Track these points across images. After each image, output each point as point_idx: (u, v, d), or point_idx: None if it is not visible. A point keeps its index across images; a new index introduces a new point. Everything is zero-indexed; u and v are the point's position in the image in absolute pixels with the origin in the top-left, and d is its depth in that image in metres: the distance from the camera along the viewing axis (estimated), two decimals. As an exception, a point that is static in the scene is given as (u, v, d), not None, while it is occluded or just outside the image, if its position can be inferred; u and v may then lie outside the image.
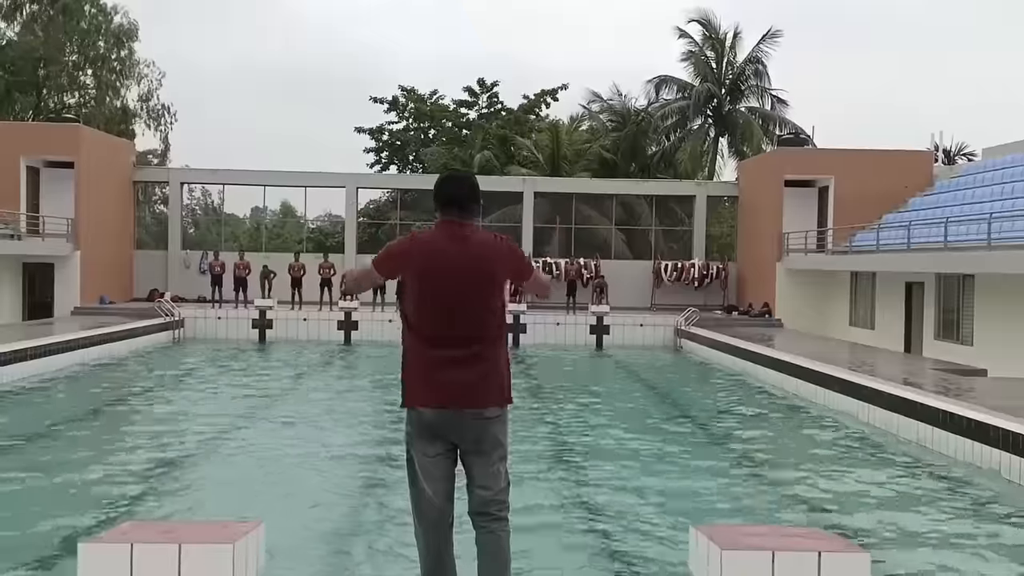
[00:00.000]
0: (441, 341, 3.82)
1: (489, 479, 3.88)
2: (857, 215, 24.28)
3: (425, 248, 3.87)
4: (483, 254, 3.87)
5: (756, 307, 26.90)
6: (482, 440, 3.85)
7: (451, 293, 3.81)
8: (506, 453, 3.92)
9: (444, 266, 3.81)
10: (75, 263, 24.91)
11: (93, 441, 11.17)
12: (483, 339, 3.84)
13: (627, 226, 33.13)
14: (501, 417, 3.89)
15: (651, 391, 16.91)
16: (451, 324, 3.81)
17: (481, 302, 3.84)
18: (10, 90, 36.48)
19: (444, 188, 3.93)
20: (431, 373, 3.83)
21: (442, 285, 3.81)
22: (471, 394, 3.80)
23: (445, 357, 3.80)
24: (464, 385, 3.79)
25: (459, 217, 3.89)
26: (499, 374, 3.87)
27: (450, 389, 3.79)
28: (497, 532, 3.89)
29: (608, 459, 10.40)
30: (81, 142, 25.51)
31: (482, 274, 3.85)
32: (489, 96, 40.51)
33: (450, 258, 3.82)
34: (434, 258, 3.83)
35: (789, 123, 36.65)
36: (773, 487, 9.36)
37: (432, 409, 3.82)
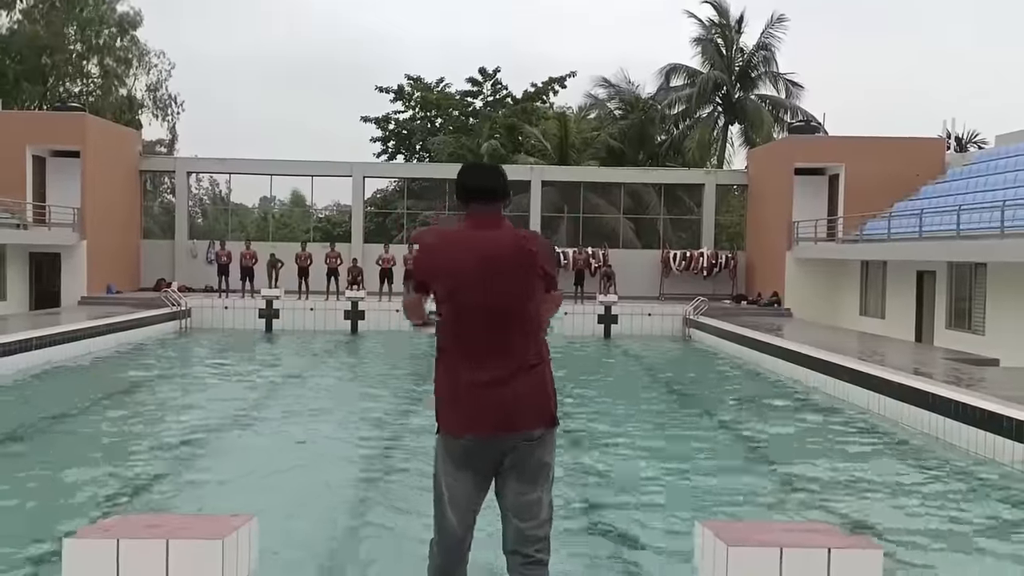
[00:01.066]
0: (476, 352, 3.34)
1: (527, 508, 3.37)
2: (868, 203, 24.06)
3: (452, 242, 3.44)
4: (522, 245, 3.40)
5: (765, 296, 26.72)
6: (524, 463, 3.37)
7: (485, 293, 3.33)
8: (551, 477, 3.43)
9: (476, 260, 3.34)
10: (82, 252, 24.88)
11: (97, 432, 11.11)
12: (523, 351, 3.36)
13: (635, 215, 32.94)
14: (547, 438, 3.41)
15: (659, 381, 16.79)
16: (487, 331, 3.33)
17: (522, 303, 3.36)
18: (18, 79, 36.45)
19: (471, 179, 3.50)
20: (464, 392, 3.35)
21: (474, 284, 3.34)
22: (512, 418, 3.32)
23: (480, 372, 3.32)
24: (503, 407, 3.31)
25: (488, 211, 3.46)
26: (544, 391, 3.39)
27: (486, 413, 3.31)
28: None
29: (612, 449, 10.29)
30: (87, 131, 25.45)
31: (522, 268, 3.37)
32: (493, 84, 40.29)
33: (482, 251, 3.36)
34: (464, 252, 3.38)
35: (800, 110, 36.35)
36: (781, 478, 9.23)
37: (465, 438, 3.35)
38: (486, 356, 3.32)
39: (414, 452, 9.68)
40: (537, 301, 3.41)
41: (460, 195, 3.52)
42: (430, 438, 10.73)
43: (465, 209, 3.49)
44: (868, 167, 24.79)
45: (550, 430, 3.42)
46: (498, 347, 3.32)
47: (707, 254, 28.89)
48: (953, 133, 37.55)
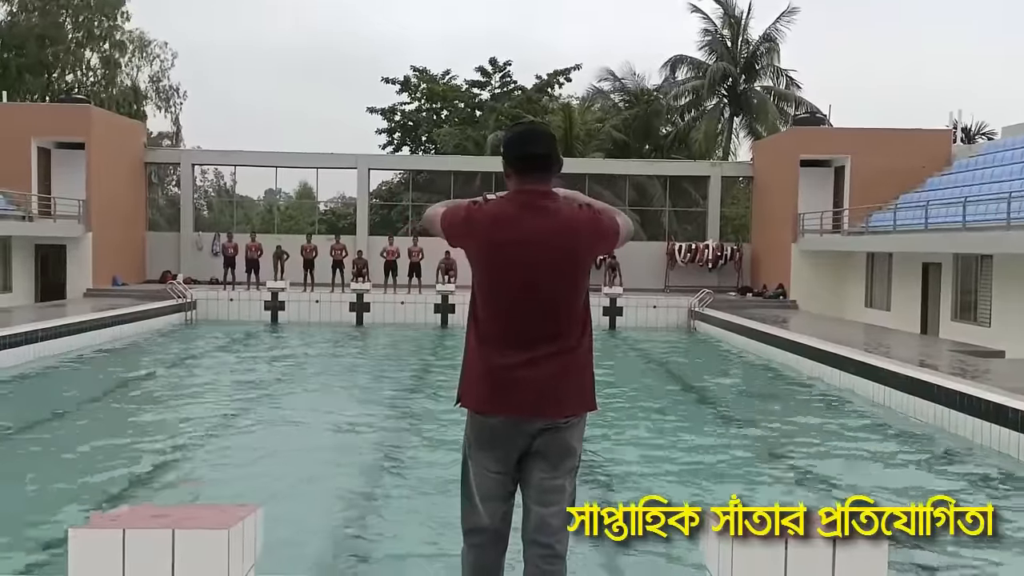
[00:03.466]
0: (512, 335, 3.13)
1: (548, 492, 3.18)
2: (874, 195, 23.99)
3: (492, 218, 3.13)
4: (567, 228, 3.11)
5: (771, 288, 26.68)
6: (550, 446, 3.17)
7: (527, 276, 3.09)
8: (577, 464, 3.24)
9: (517, 241, 3.08)
10: (87, 245, 24.93)
11: (102, 423, 11.15)
12: (564, 333, 3.13)
13: (640, 207, 32.89)
14: (578, 423, 3.21)
15: (664, 372, 16.79)
16: (526, 314, 3.12)
17: (564, 289, 3.12)
18: (20, 72, 36.44)
19: (519, 146, 3.17)
20: (498, 371, 3.15)
21: (514, 265, 3.09)
22: (545, 401, 3.12)
23: (517, 352, 3.12)
24: (538, 389, 3.11)
25: (538, 183, 3.14)
26: (581, 374, 3.18)
27: (519, 394, 3.11)
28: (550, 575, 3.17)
29: (617, 441, 10.29)
30: (92, 123, 25.46)
31: (564, 253, 3.10)
32: (502, 76, 40.25)
33: (525, 232, 3.08)
34: (505, 231, 3.10)
35: (805, 102, 36.22)
36: (788, 470, 9.23)
37: (496, 416, 3.16)
38: (525, 336, 3.11)
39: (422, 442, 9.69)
40: (583, 282, 3.16)
41: (508, 164, 3.18)
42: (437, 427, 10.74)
43: (514, 180, 3.17)
44: (874, 159, 24.71)
45: (583, 415, 3.23)
46: (538, 329, 3.10)
47: (712, 246, 28.85)
48: (960, 124, 37.36)
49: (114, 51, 38.69)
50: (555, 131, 35.43)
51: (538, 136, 3.21)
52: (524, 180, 3.14)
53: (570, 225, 3.11)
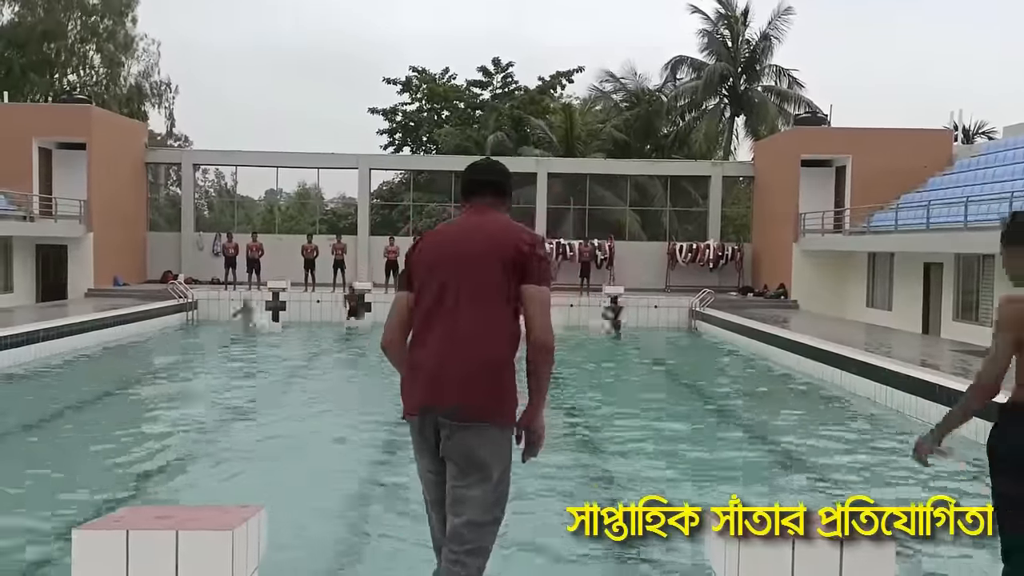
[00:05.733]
0: (433, 333, 3.20)
1: (457, 502, 3.09)
2: (875, 195, 23.98)
3: (439, 232, 3.48)
4: (493, 234, 3.29)
5: (771, 288, 26.66)
6: (453, 450, 3.11)
7: (452, 276, 3.25)
8: (491, 479, 3.07)
9: (445, 247, 3.33)
10: (88, 245, 24.92)
11: (105, 423, 11.13)
12: (484, 337, 3.15)
13: (641, 207, 32.88)
14: (487, 433, 3.09)
15: (666, 373, 16.77)
16: (449, 314, 3.20)
17: (488, 291, 3.19)
18: (24, 71, 36.45)
19: (470, 172, 3.56)
20: (416, 368, 3.22)
21: (443, 267, 3.27)
22: (441, 387, 3.13)
23: (431, 349, 3.19)
24: (436, 377, 3.13)
25: (482, 203, 3.45)
26: (490, 381, 3.12)
27: (431, 383, 3.15)
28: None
29: (621, 443, 10.28)
30: (93, 123, 25.46)
31: (487, 256, 3.23)
32: (504, 76, 40.25)
33: (453, 239, 3.35)
34: (438, 243, 3.38)
35: (805, 102, 36.21)
36: (790, 470, 9.22)
37: (415, 415, 3.22)
38: (442, 336, 3.17)
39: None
40: (508, 294, 3.19)
41: (462, 190, 3.56)
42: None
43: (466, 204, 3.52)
44: (875, 159, 24.69)
45: (487, 423, 3.10)
46: (455, 330, 3.17)
47: (713, 246, 28.83)
48: (960, 124, 37.32)
49: (118, 51, 38.72)
50: (556, 131, 35.54)
51: (484, 165, 3.61)
52: (469, 204, 3.49)
53: (499, 231, 3.31)
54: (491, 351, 3.15)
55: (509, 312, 3.20)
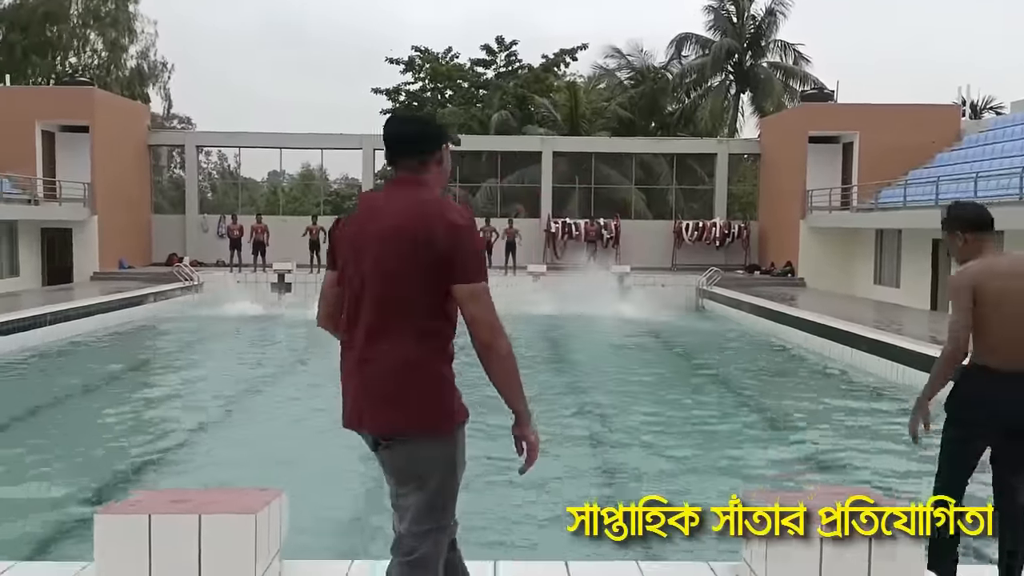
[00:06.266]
0: (355, 333, 2.78)
1: (400, 508, 2.81)
2: (883, 171, 23.84)
3: (361, 210, 2.87)
4: (410, 215, 2.71)
5: (778, 266, 26.57)
6: (386, 464, 2.81)
7: (368, 266, 2.73)
8: (428, 487, 2.73)
9: (371, 227, 2.76)
10: (93, 228, 24.88)
11: (114, 406, 11.12)
12: (407, 340, 2.69)
13: (647, 185, 32.73)
14: (418, 446, 2.72)
15: (673, 352, 16.73)
16: (368, 311, 2.74)
17: (410, 284, 2.68)
18: (26, 53, 36.27)
19: (385, 130, 2.86)
20: (343, 372, 2.85)
21: (362, 255, 2.76)
22: (364, 413, 2.75)
23: (353, 354, 2.79)
24: (358, 399, 2.76)
25: (404, 169, 2.82)
26: (419, 392, 2.69)
27: (348, 402, 2.81)
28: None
29: (633, 423, 10.26)
30: (96, 106, 25.34)
31: (416, 243, 2.67)
32: (507, 55, 39.99)
33: (380, 218, 2.75)
34: (365, 219, 2.81)
35: (812, 78, 35.95)
36: (804, 449, 9.19)
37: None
38: (363, 338, 2.74)
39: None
40: (424, 281, 2.68)
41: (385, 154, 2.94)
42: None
43: None
44: (883, 135, 24.52)
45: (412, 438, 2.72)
46: (375, 330, 2.72)
47: (720, 224, 28.71)
48: (968, 100, 37.05)
49: (120, 35, 38.52)
50: (561, 109, 35.25)
51: (398, 119, 2.89)
52: (394, 168, 2.86)
53: (421, 214, 2.69)
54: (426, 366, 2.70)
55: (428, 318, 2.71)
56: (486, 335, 2.66)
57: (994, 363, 3.74)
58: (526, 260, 26.08)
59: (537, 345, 16.88)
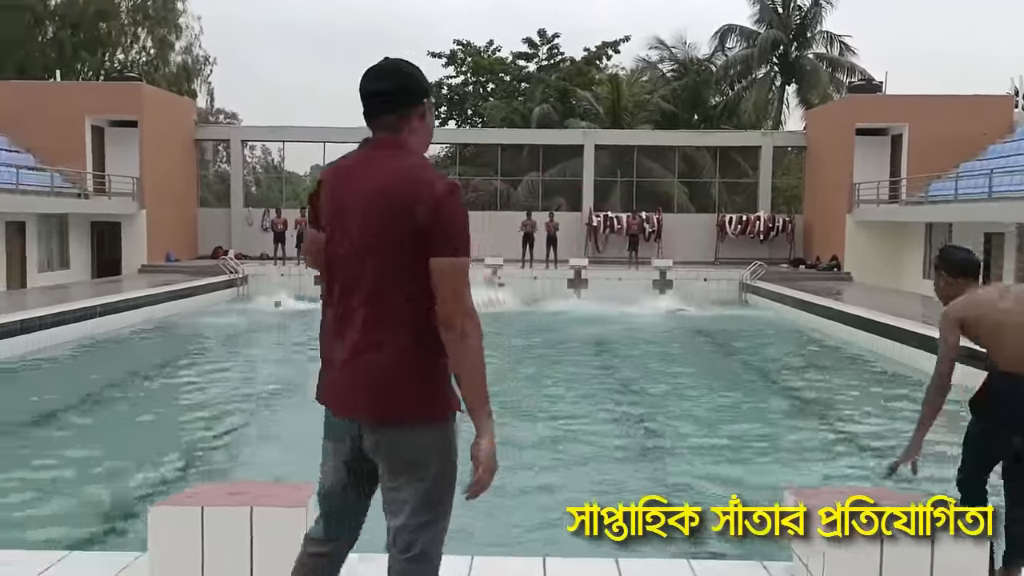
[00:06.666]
0: (339, 311, 2.59)
1: (391, 503, 2.60)
2: (933, 164, 23.36)
3: (339, 172, 2.63)
4: (389, 183, 2.48)
5: (824, 260, 26.19)
6: (378, 453, 2.58)
7: (352, 240, 2.53)
8: (425, 479, 2.55)
9: (352, 198, 2.53)
10: (141, 221, 25.30)
11: (162, 398, 11.29)
12: (394, 318, 2.50)
13: (690, 179, 32.45)
14: (414, 434, 2.54)
15: (717, 347, 16.57)
16: (352, 287, 2.55)
17: (395, 257, 2.47)
18: (76, 49, 36.99)
19: (361, 85, 2.62)
20: (326, 354, 2.67)
21: (345, 228, 2.55)
22: (357, 400, 2.55)
23: (338, 335, 2.60)
24: (348, 386, 2.56)
25: (382, 129, 2.59)
26: (408, 375, 2.50)
27: (335, 387, 2.61)
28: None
29: (679, 419, 10.16)
30: (144, 101, 25.73)
31: (400, 214, 2.45)
32: (550, 48, 39.86)
33: (361, 187, 2.52)
34: (332, 189, 2.60)
35: (859, 69, 35.36)
36: (853, 446, 9.04)
37: (326, 407, 2.67)
38: (349, 317, 2.55)
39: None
40: (413, 254, 2.45)
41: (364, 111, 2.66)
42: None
43: None
44: (933, 127, 24.03)
45: (418, 424, 2.54)
46: (362, 309, 2.52)
47: (764, 218, 28.37)
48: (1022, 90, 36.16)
49: (168, 32, 39.20)
50: (603, 102, 35.05)
51: (375, 71, 2.59)
52: (372, 128, 2.60)
53: (404, 183, 2.45)
54: (414, 347, 2.51)
55: (415, 294, 2.49)
56: (458, 319, 2.42)
57: (1014, 369, 4.09)
58: (567, 254, 26.00)
59: (579, 340, 16.82)
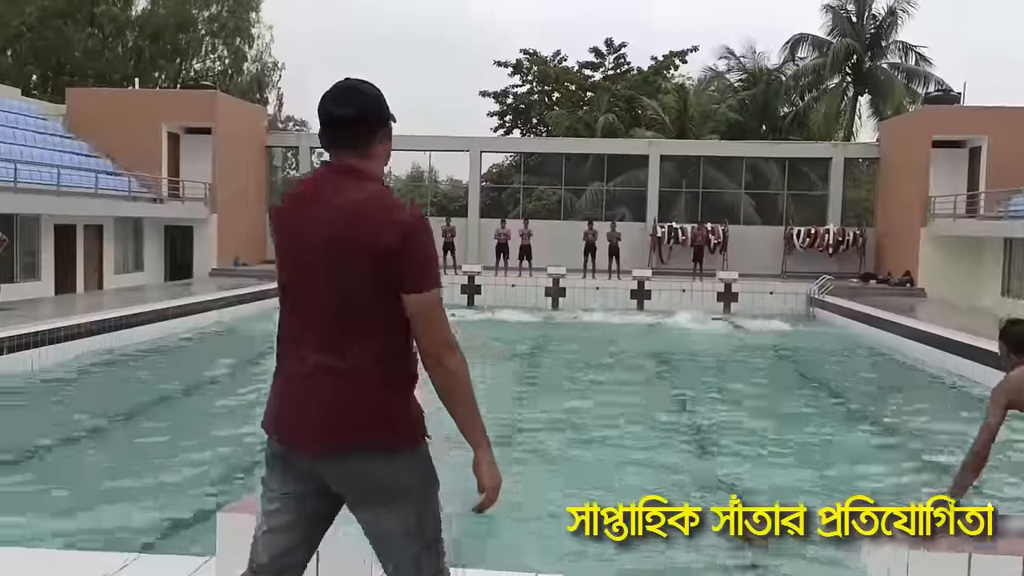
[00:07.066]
0: (291, 342, 2.48)
1: (378, 540, 2.47)
2: (1014, 177, 22.56)
3: (288, 198, 2.54)
4: (352, 215, 2.37)
5: (896, 275, 25.49)
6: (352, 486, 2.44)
7: (302, 269, 2.44)
8: (421, 504, 2.44)
9: (297, 229, 2.45)
10: (212, 226, 25.86)
11: (236, 400, 11.46)
12: (352, 345, 2.39)
13: (756, 190, 31.93)
14: (389, 458, 2.40)
15: (787, 364, 16.22)
16: (304, 317, 2.45)
17: (344, 286, 2.37)
18: (154, 58, 38.15)
19: (320, 107, 2.48)
20: (277, 384, 2.52)
21: (293, 256, 2.47)
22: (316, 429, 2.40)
23: (295, 364, 2.46)
24: (306, 416, 2.41)
25: (341, 156, 2.47)
26: (372, 401, 2.38)
27: (290, 419, 2.45)
28: None
29: (748, 440, 9.94)
30: (218, 108, 26.33)
31: (344, 248, 2.36)
32: (616, 57, 39.73)
33: (307, 218, 2.43)
34: (290, 217, 2.49)
35: (935, 80, 34.41)
36: (932, 470, 8.72)
37: (276, 441, 2.50)
38: (310, 345, 2.42)
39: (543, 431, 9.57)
40: (386, 289, 2.36)
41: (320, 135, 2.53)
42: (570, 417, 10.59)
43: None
44: (1014, 139, 23.25)
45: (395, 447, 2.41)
46: (329, 342, 2.40)
47: (833, 231, 27.75)
48: (1108, 102, 34.81)
49: (242, 43, 40.33)
50: (669, 112, 34.75)
51: (335, 93, 2.48)
52: (331, 152, 2.49)
53: (360, 209, 2.36)
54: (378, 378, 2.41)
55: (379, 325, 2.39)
56: (436, 350, 2.37)
57: None
58: (630, 264, 25.80)
59: (640, 355, 16.63)
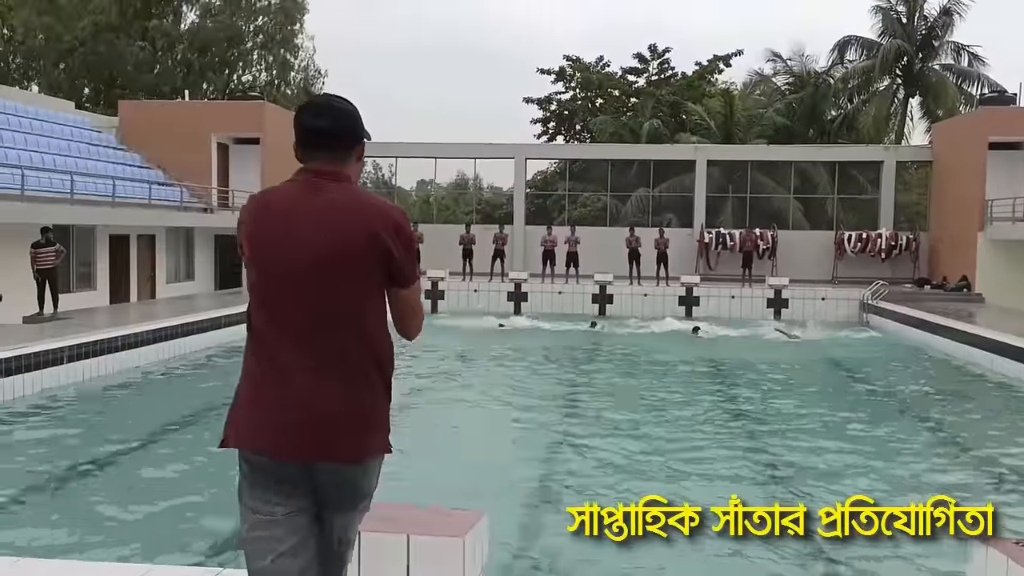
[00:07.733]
0: (273, 351, 2.45)
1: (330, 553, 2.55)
2: (1075, 179, 21.98)
3: (261, 206, 2.57)
4: (343, 216, 2.45)
5: (952, 280, 24.92)
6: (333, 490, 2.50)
7: (287, 275, 2.45)
8: (368, 502, 2.58)
9: (281, 232, 2.47)
10: (261, 235, 26.09)
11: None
12: (338, 355, 2.42)
13: (805, 195, 31.47)
14: (371, 463, 2.50)
15: (842, 371, 15.90)
16: (288, 325, 2.44)
17: (333, 293, 2.41)
18: (203, 70, 38.79)
19: (298, 120, 2.66)
20: (257, 397, 2.47)
21: (275, 261, 2.46)
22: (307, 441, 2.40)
23: (276, 377, 2.43)
24: (296, 426, 2.40)
25: (324, 165, 2.59)
26: (363, 414, 2.44)
27: (278, 430, 2.41)
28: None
29: (801, 446, 9.74)
30: (266, 119, 26.61)
31: (336, 247, 2.42)
32: (660, 63, 39.47)
33: (292, 220, 2.47)
34: (269, 220, 2.51)
35: (990, 81, 33.67)
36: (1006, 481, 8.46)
37: (256, 454, 2.45)
38: (296, 351, 2.42)
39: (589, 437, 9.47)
40: (364, 289, 2.43)
41: (296, 142, 2.67)
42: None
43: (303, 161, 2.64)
44: (1075, 140, 22.62)
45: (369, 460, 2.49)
46: (300, 340, 2.42)
47: (886, 235, 27.23)
48: None
49: (289, 55, 40.96)
50: (715, 117, 34.44)
51: (318, 109, 2.67)
52: (306, 161, 2.63)
53: (351, 211, 2.45)
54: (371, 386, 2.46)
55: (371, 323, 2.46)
56: (415, 323, 2.58)
57: None
58: (678, 270, 25.55)
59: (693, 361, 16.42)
